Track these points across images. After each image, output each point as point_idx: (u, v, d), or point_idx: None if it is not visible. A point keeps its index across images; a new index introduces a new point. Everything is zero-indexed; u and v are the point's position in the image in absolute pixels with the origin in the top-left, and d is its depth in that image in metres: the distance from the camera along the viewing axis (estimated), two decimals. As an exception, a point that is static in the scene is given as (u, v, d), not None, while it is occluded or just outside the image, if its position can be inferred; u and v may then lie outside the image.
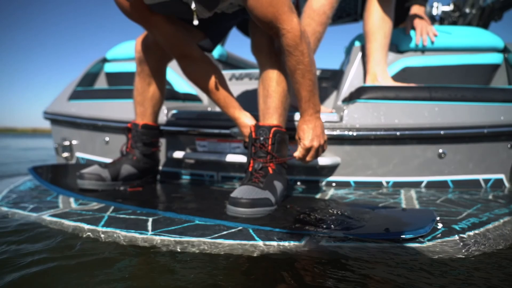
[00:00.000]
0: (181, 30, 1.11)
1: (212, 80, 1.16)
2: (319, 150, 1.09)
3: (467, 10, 2.77)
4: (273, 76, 1.08)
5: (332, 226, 0.82)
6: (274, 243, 0.75)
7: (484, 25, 2.79)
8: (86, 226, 0.87)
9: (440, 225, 0.86)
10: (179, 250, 0.75)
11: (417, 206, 1.08)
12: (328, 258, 0.71)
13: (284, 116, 1.12)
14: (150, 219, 0.91)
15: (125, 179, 1.30)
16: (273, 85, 1.08)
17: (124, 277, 0.63)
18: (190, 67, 1.17)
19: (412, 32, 1.72)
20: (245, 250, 0.74)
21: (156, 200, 1.17)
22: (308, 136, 1.06)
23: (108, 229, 0.84)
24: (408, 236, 0.76)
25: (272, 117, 1.09)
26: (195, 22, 1.00)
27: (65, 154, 1.88)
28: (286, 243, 0.75)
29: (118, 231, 0.83)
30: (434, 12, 2.99)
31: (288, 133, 1.13)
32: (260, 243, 0.76)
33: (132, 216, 0.94)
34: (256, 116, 1.19)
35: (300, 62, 0.97)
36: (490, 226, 0.87)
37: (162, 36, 1.10)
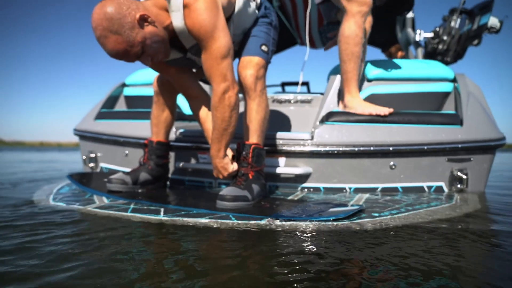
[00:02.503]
0: (187, 76, 1.58)
1: (203, 115, 1.62)
2: (221, 177, 1.53)
3: (445, 37, 3.19)
4: (253, 107, 1.51)
5: (285, 213, 1.24)
6: (244, 222, 1.18)
7: (462, 50, 3.20)
8: (118, 213, 1.31)
9: (364, 213, 1.27)
10: (181, 225, 1.18)
11: (361, 203, 1.48)
12: (279, 230, 1.13)
13: (262, 137, 1.55)
14: (162, 209, 1.35)
15: (142, 183, 1.74)
16: (253, 114, 1.52)
17: (146, 241, 1.06)
18: (191, 102, 1.64)
19: (378, 63, 2.15)
20: (226, 226, 1.17)
21: (166, 198, 1.61)
22: (214, 169, 1.53)
23: (134, 214, 1.28)
24: (331, 218, 1.17)
25: (252, 137, 1.53)
26: (194, 70, 1.46)
27: (91, 164, 2.34)
28: (252, 222, 1.17)
29: (140, 215, 1.27)
30: (418, 38, 3.42)
31: (265, 148, 1.56)
32: (236, 222, 1.18)
33: (149, 207, 1.38)
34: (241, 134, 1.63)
35: (213, 113, 1.40)
36: (400, 215, 1.28)
37: (174, 81, 1.58)
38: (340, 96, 2.05)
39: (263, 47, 1.54)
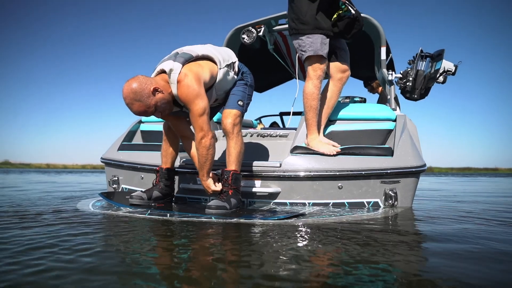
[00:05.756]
0: (182, 122, 2.38)
1: (192, 151, 2.38)
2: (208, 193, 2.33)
3: (410, 78, 3.93)
4: (232, 145, 2.28)
5: (249, 215, 1.98)
6: (222, 220, 1.92)
7: (427, 88, 3.94)
8: (139, 215, 2.07)
9: (304, 217, 2.00)
10: (182, 222, 1.93)
11: (307, 212, 2.20)
12: (245, 225, 1.86)
13: (238, 165, 2.31)
14: (168, 214, 2.11)
15: (155, 199, 2.51)
16: (231, 149, 2.28)
17: (157, 231, 1.81)
18: (184, 141, 2.43)
19: (338, 106, 2.90)
20: (210, 222, 1.92)
21: (171, 208, 2.37)
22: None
23: (149, 216, 2.04)
24: (275, 218, 1.91)
25: (232, 165, 2.29)
26: (187, 119, 2.26)
27: (114, 186, 3.13)
28: (228, 220, 1.92)
29: (154, 217, 2.03)
30: (390, 78, 4.17)
31: (241, 173, 2.32)
32: (216, 220, 1.93)
33: (159, 212, 2.14)
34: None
35: (196, 152, 2.19)
36: (326, 218, 2.00)
37: (173, 126, 2.39)
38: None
39: (239, 102, 2.32)
